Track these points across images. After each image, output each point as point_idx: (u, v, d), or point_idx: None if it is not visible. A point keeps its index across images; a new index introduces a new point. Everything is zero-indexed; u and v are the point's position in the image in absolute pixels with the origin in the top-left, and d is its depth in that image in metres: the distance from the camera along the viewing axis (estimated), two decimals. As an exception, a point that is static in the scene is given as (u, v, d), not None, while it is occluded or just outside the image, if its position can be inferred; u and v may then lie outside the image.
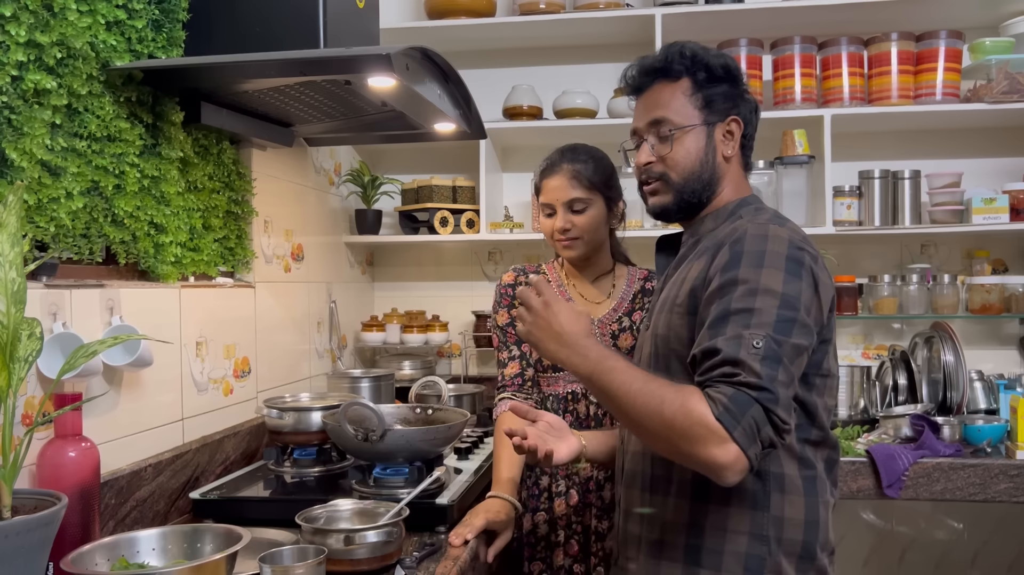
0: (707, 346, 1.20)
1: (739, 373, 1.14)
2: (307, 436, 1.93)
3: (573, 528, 1.93)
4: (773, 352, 1.16)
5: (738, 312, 1.20)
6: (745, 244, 1.27)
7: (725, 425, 1.12)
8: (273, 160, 2.35)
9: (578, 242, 1.90)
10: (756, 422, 1.13)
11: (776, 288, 1.21)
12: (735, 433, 1.11)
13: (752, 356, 1.15)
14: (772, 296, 1.20)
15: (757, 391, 1.13)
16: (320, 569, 1.28)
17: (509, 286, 2.00)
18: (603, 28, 2.96)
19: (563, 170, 1.89)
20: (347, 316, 2.97)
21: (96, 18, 1.54)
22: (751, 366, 1.14)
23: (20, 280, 1.13)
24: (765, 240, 1.26)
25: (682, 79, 1.42)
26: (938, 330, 2.80)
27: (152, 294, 1.77)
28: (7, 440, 1.12)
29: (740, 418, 1.12)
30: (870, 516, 3.08)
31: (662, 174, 1.43)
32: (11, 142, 1.37)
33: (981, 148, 3.01)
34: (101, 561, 1.20)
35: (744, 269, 1.23)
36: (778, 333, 1.17)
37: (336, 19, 1.80)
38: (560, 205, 1.89)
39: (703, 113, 1.41)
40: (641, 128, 1.46)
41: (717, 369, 1.17)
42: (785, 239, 1.27)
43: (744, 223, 1.34)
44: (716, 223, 1.43)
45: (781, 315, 1.19)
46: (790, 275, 1.22)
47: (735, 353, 1.16)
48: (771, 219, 1.34)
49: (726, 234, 1.34)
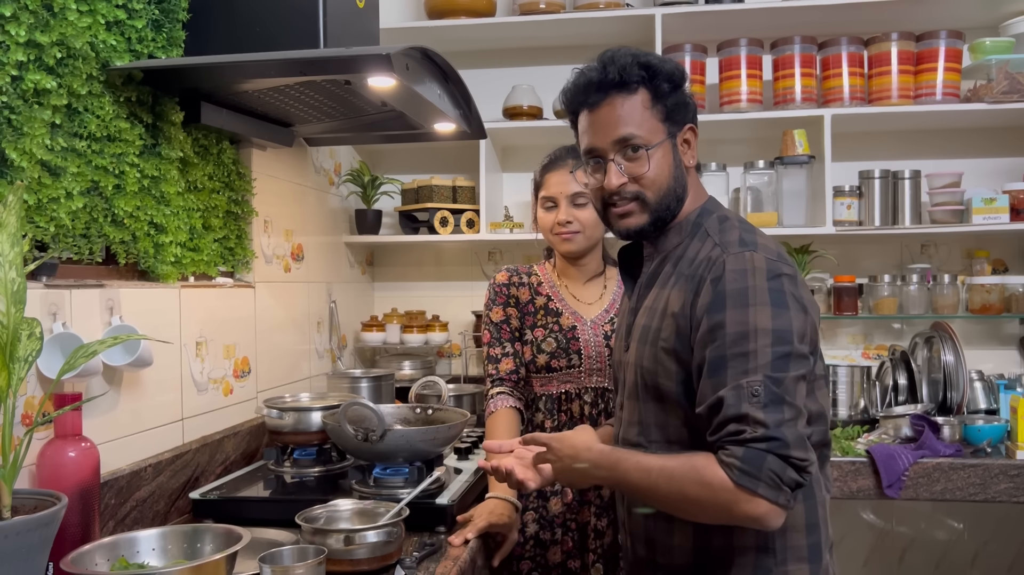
0: (711, 401, 1.21)
1: (744, 430, 1.16)
2: (307, 436, 1.93)
3: (568, 526, 1.93)
4: (774, 395, 1.17)
5: (734, 357, 1.20)
6: (726, 282, 1.24)
7: (746, 487, 1.15)
8: (273, 160, 2.35)
9: (578, 236, 1.91)
10: (775, 472, 1.15)
11: (766, 325, 1.21)
12: (759, 490, 1.15)
13: (754, 406, 1.17)
14: (764, 335, 1.20)
15: (766, 442, 1.15)
16: (320, 569, 1.28)
17: (503, 285, 2.00)
18: (603, 28, 2.96)
19: (568, 164, 1.90)
20: (347, 316, 2.97)
21: (96, 18, 1.54)
22: (755, 417, 1.16)
23: (20, 280, 1.13)
24: (745, 275, 1.24)
25: (639, 91, 1.34)
26: (938, 330, 2.80)
27: (152, 294, 1.77)
28: (7, 440, 1.12)
29: (759, 474, 1.15)
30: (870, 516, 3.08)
31: (637, 194, 1.36)
32: (11, 142, 1.37)
33: (981, 148, 3.01)
34: (101, 561, 1.20)
35: (731, 311, 1.22)
36: (775, 371, 1.18)
37: (336, 19, 1.80)
38: (563, 198, 1.90)
39: (665, 125, 1.36)
40: (604, 147, 1.36)
41: (725, 427, 1.19)
42: (763, 269, 1.25)
43: (717, 252, 1.30)
44: (681, 237, 1.39)
45: (776, 352, 1.19)
46: (776, 308, 1.22)
47: (738, 407, 1.17)
48: (743, 242, 1.30)
49: (701, 261, 1.31)
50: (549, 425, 1.94)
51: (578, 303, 1.97)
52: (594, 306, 1.97)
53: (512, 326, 1.98)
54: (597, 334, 1.93)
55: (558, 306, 1.97)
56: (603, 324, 1.94)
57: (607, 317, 1.95)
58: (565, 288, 2.00)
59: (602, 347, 1.92)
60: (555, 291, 1.99)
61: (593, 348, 1.92)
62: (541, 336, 1.94)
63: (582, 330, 1.93)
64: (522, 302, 1.99)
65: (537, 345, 1.94)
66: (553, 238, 1.94)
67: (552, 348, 1.92)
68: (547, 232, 1.95)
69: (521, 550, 1.93)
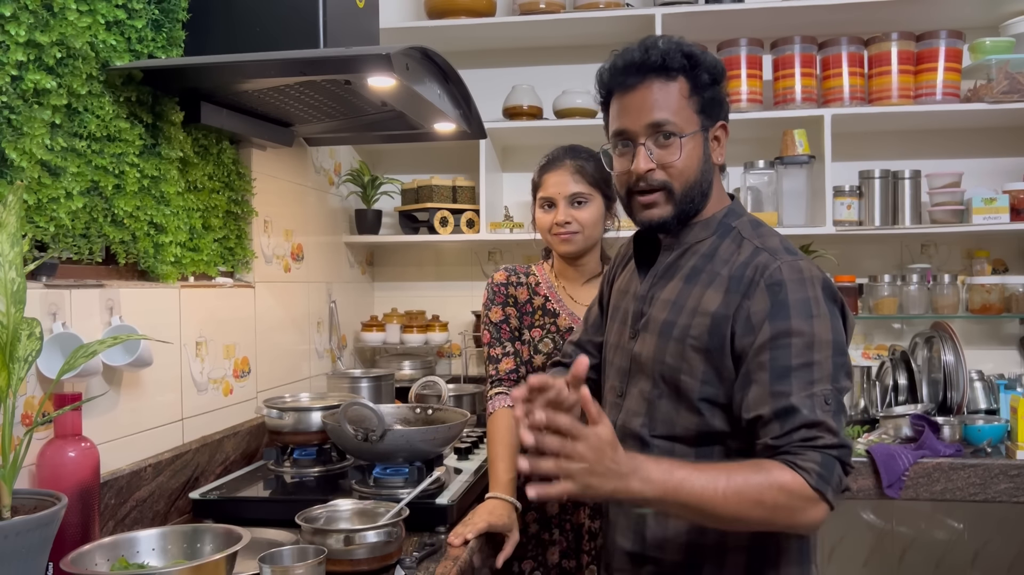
0: (779, 407, 1.20)
1: (820, 436, 1.19)
2: (307, 436, 1.93)
3: (563, 526, 1.94)
4: (839, 404, 1.22)
5: (801, 367, 1.21)
6: (788, 291, 1.25)
7: (821, 491, 1.17)
8: (273, 160, 2.35)
9: (577, 236, 1.90)
10: (840, 479, 1.19)
11: (828, 337, 1.23)
12: (828, 495, 1.17)
13: (827, 414, 1.19)
14: (827, 346, 1.23)
15: (838, 450, 1.19)
16: (320, 569, 1.28)
17: (501, 284, 2.00)
18: (603, 28, 2.96)
19: (566, 165, 1.90)
20: (347, 316, 2.97)
21: (96, 18, 1.54)
22: (829, 425, 1.19)
23: (20, 280, 1.13)
24: (804, 285, 1.26)
25: (678, 79, 1.31)
26: (938, 330, 2.80)
27: (152, 294, 1.77)
28: (7, 440, 1.12)
29: (830, 480, 1.18)
30: (870, 516, 3.08)
31: (664, 183, 1.32)
32: (11, 142, 1.37)
33: (981, 148, 3.01)
34: (101, 561, 1.20)
35: (796, 320, 1.23)
36: (836, 383, 1.22)
37: (336, 19, 1.80)
38: (562, 199, 1.89)
39: (700, 118, 1.33)
40: (635, 130, 1.32)
41: (797, 432, 1.19)
42: (819, 279, 1.28)
43: (767, 258, 1.29)
44: (707, 233, 1.37)
45: (836, 363, 1.23)
46: (833, 319, 1.26)
47: (812, 414, 1.19)
48: (788, 250, 1.32)
49: (744, 265, 1.29)
50: None
51: (575, 304, 1.97)
52: None
53: (512, 325, 1.97)
54: None
55: (555, 307, 1.96)
56: None
57: None
58: (563, 289, 2.00)
59: None
60: (552, 292, 1.99)
61: None
62: (538, 337, 1.94)
63: None
64: (520, 302, 1.99)
65: (534, 346, 1.94)
66: (552, 239, 1.94)
67: (549, 349, 1.93)
68: (545, 233, 1.95)
69: (523, 550, 1.93)
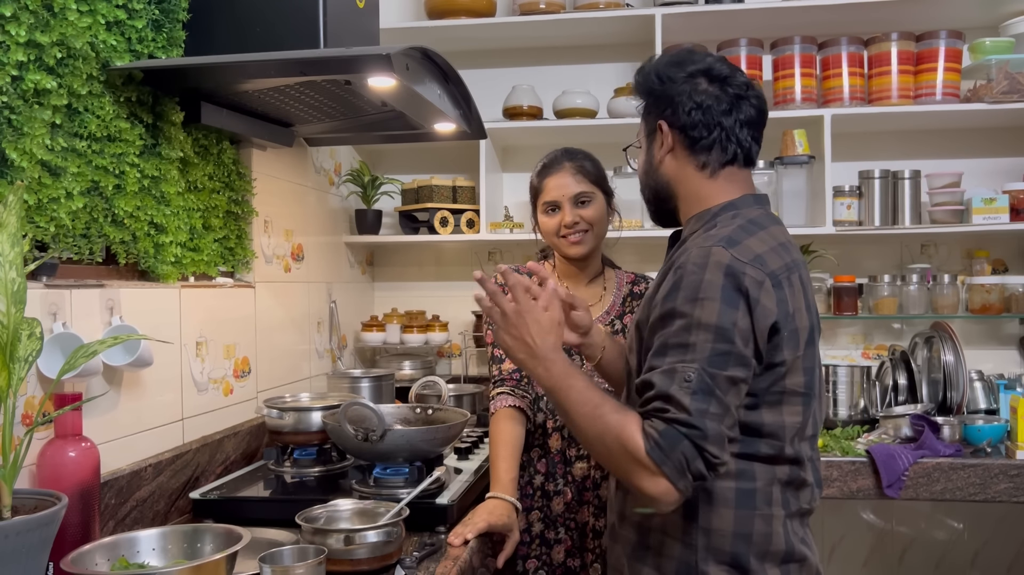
0: (644, 378, 1.25)
1: (669, 409, 1.19)
2: (307, 436, 1.93)
3: (568, 525, 1.93)
4: (705, 386, 1.19)
5: (675, 347, 1.23)
6: (685, 274, 1.26)
7: (655, 460, 1.18)
8: (273, 160, 2.35)
9: (588, 235, 1.90)
10: (686, 457, 1.17)
11: (711, 321, 1.22)
12: (665, 468, 1.17)
13: (683, 390, 1.19)
14: (707, 330, 1.22)
15: (687, 428, 1.18)
16: (320, 569, 1.28)
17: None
18: (603, 28, 2.96)
19: (566, 167, 1.91)
20: (347, 316, 2.97)
21: (96, 18, 1.54)
22: (680, 401, 1.18)
23: (20, 280, 1.13)
24: (704, 269, 1.25)
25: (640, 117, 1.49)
26: (938, 330, 2.80)
27: (152, 294, 1.77)
28: (7, 440, 1.12)
29: (670, 453, 1.17)
30: (870, 516, 3.08)
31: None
32: (11, 142, 1.37)
33: (981, 148, 3.01)
34: (101, 561, 1.20)
35: (681, 301, 1.25)
36: (712, 366, 1.20)
37: (336, 19, 1.80)
38: (566, 200, 1.89)
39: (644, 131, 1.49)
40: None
41: (650, 403, 1.22)
42: (724, 265, 1.24)
43: (701, 243, 1.30)
44: (699, 225, 1.39)
45: (716, 349, 1.21)
46: (726, 306, 1.22)
47: (666, 388, 1.20)
48: (728, 238, 1.28)
49: (683, 250, 1.34)
50: (551, 425, 1.94)
51: None
52: (595, 308, 1.96)
53: None
54: None
55: None
56: (604, 325, 1.94)
57: (607, 319, 1.95)
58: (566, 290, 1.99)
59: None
60: None
61: None
62: None
63: None
64: None
65: None
66: (559, 242, 1.92)
67: None
68: (552, 236, 1.93)
69: (527, 549, 1.94)
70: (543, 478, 1.95)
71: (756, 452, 1.30)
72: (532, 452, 1.96)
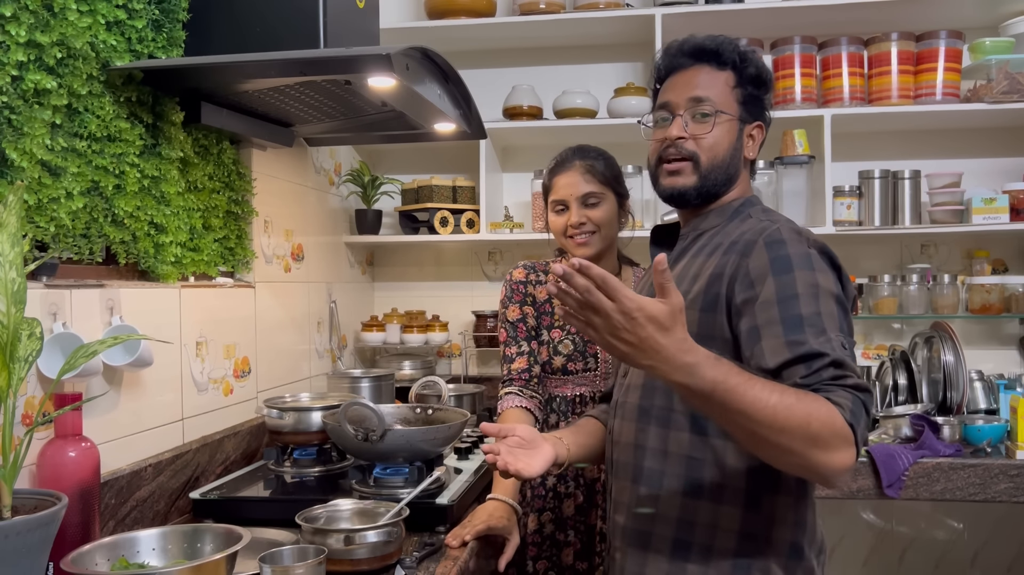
0: (803, 351, 1.16)
1: (847, 375, 1.15)
2: (307, 436, 1.93)
3: (577, 527, 1.93)
4: (852, 352, 1.20)
5: (812, 316, 1.19)
6: (789, 247, 1.26)
7: (854, 430, 1.11)
8: (273, 160, 2.35)
9: (594, 237, 1.88)
10: (865, 423, 1.14)
11: (833, 289, 1.24)
12: (857, 433, 1.11)
13: (847, 355, 1.17)
14: (831, 297, 1.22)
15: (863, 393, 1.15)
16: (320, 569, 1.28)
17: (520, 283, 1.98)
18: (603, 28, 2.96)
19: (576, 166, 1.89)
20: (347, 316, 2.97)
21: (96, 18, 1.54)
22: (851, 365, 1.17)
23: (20, 280, 1.13)
24: (802, 243, 1.28)
25: (727, 70, 1.41)
26: (938, 330, 2.80)
27: (152, 294, 1.77)
28: (7, 440, 1.12)
29: (859, 419, 1.12)
30: (870, 516, 3.08)
31: (692, 154, 1.39)
32: (11, 142, 1.37)
33: (981, 148, 3.01)
34: (101, 561, 1.20)
35: (800, 271, 1.24)
36: (844, 334, 1.21)
37: (336, 19, 1.80)
38: (574, 200, 1.87)
39: (740, 109, 1.41)
40: (677, 102, 1.40)
41: (825, 371, 1.15)
42: (816, 243, 1.30)
43: (768, 223, 1.33)
44: (720, 219, 1.42)
45: (841, 314, 1.22)
46: (834, 275, 1.26)
47: (836, 354, 1.15)
48: (789, 222, 1.35)
49: (744, 232, 1.33)
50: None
51: None
52: None
53: (528, 324, 1.96)
54: None
55: None
56: None
57: None
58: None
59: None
60: None
61: None
62: (558, 338, 1.93)
63: None
64: (539, 301, 1.97)
65: (554, 347, 1.92)
66: (567, 242, 1.91)
67: (569, 351, 1.90)
68: (560, 236, 1.92)
69: (538, 550, 1.93)
70: (555, 479, 1.94)
71: None
72: None
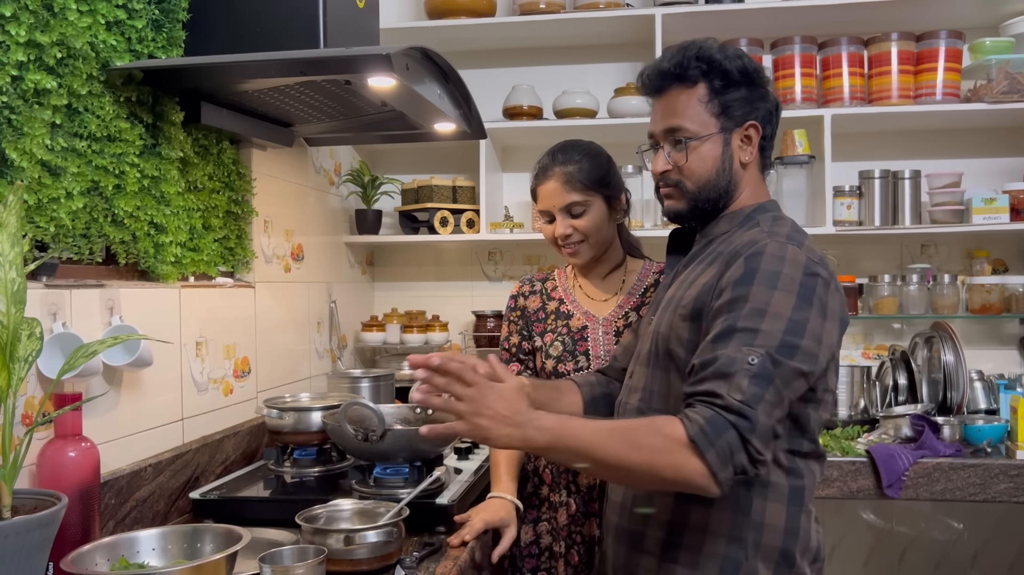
0: (706, 357, 1.21)
1: (720, 395, 1.15)
2: (307, 436, 1.93)
3: (573, 538, 1.89)
4: (767, 371, 1.17)
5: (743, 330, 1.20)
6: (762, 262, 1.26)
7: (699, 445, 1.13)
8: (273, 160, 2.35)
9: (583, 246, 1.85)
10: (731, 447, 1.14)
11: (785, 313, 1.21)
12: (708, 454, 1.13)
13: (744, 372, 1.16)
14: (779, 320, 1.20)
15: (736, 416, 1.14)
16: (320, 569, 1.28)
17: (513, 297, 2.01)
18: (603, 28, 2.96)
19: (555, 174, 1.82)
20: (347, 316, 2.97)
21: (96, 18, 1.54)
22: (738, 383, 1.15)
23: (20, 280, 1.13)
24: (782, 262, 1.26)
25: (698, 84, 1.38)
26: (938, 330, 2.80)
27: (152, 294, 1.77)
28: (7, 440, 1.12)
29: (715, 440, 1.13)
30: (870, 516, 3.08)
31: (677, 182, 1.42)
32: (11, 142, 1.37)
33: (981, 148, 3.01)
34: (101, 561, 1.20)
35: (757, 288, 1.23)
36: (779, 354, 1.18)
37: (336, 19, 1.80)
38: (558, 211, 1.82)
39: (719, 120, 1.39)
40: (657, 134, 1.44)
41: (705, 383, 1.18)
42: (801, 263, 1.26)
43: (763, 236, 1.32)
44: (731, 226, 1.42)
45: (785, 340, 1.19)
46: (801, 301, 1.23)
47: (728, 367, 1.17)
48: (790, 237, 1.32)
49: (743, 243, 1.33)
50: None
51: (591, 302, 1.93)
52: (608, 302, 1.92)
53: (512, 342, 1.99)
54: (608, 332, 1.90)
55: (570, 308, 1.94)
56: (616, 320, 1.90)
57: (620, 312, 1.90)
58: (579, 289, 1.96)
59: (612, 346, 1.88)
60: (568, 294, 1.96)
61: (602, 347, 1.88)
62: (550, 341, 1.92)
63: (592, 330, 1.89)
64: (530, 311, 1.97)
65: (545, 351, 1.92)
66: (559, 249, 1.90)
67: (559, 352, 1.89)
68: (552, 245, 1.91)
69: (536, 562, 1.92)
70: (548, 488, 1.93)
71: (800, 448, 1.32)
72: (537, 460, 1.94)
